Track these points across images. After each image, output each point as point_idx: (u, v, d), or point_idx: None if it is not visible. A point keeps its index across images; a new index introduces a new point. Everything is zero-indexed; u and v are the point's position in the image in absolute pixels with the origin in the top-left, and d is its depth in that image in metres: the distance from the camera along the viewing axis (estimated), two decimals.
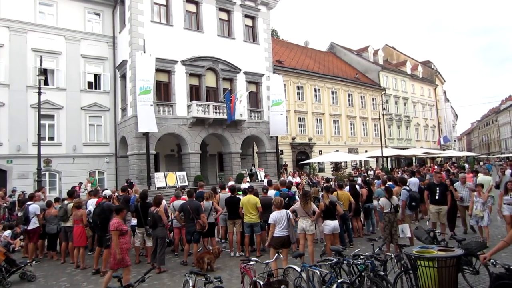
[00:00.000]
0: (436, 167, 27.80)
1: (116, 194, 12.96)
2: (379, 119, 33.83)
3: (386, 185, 10.56)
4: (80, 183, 19.47)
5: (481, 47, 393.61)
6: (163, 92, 21.48)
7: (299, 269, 5.65)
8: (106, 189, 14.38)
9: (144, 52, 19.78)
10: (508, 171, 16.12)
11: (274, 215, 7.04)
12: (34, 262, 9.10)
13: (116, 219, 6.52)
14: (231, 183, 14.86)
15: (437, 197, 9.52)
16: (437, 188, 9.64)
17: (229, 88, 23.50)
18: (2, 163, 19.59)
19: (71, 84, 21.80)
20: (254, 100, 25.37)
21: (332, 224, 8.00)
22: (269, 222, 7.13)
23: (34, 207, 9.90)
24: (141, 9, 20.72)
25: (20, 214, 10.96)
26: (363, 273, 5.24)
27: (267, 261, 5.92)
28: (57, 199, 10.93)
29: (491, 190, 13.28)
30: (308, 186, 19.55)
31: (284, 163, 29.33)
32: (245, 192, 9.76)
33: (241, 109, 22.17)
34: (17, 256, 9.73)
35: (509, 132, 72.07)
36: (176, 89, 21.61)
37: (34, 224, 9.78)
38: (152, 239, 8.52)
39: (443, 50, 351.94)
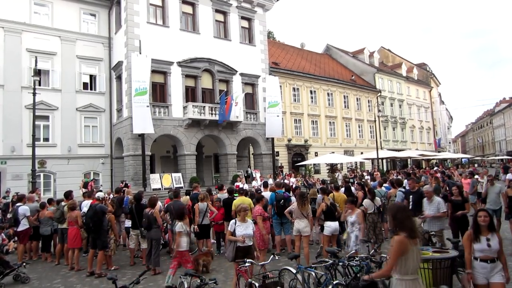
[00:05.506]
0: (430, 169, 27.92)
1: (111, 195, 12.89)
2: (375, 121, 33.93)
3: (370, 187, 10.58)
4: (94, 179, 19.38)
5: (474, 50, 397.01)
6: (159, 93, 21.43)
7: (294, 271, 5.64)
8: (101, 191, 14.27)
9: (140, 53, 19.72)
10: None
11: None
12: (24, 264, 9.00)
13: (259, 207, 7.87)
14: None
15: (409, 207, 7.45)
16: (411, 196, 7.91)
17: (225, 90, 23.51)
18: None
19: (66, 85, 21.70)
20: (250, 101, 25.39)
21: (333, 225, 7.94)
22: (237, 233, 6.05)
23: (23, 209, 9.84)
24: (137, 10, 20.69)
25: (9, 216, 10.88)
26: (358, 275, 5.24)
27: (262, 262, 5.91)
28: (50, 200, 10.83)
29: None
30: (304, 188, 19.56)
31: (280, 164, 29.34)
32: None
33: (237, 111, 22.21)
34: (11, 258, 9.64)
35: (503, 134, 72.54)
36: (172, 90, 21.57)
37: (23, 225, 9.73)
38: (147, 241, 8.49)
39: (438, 53, 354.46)
